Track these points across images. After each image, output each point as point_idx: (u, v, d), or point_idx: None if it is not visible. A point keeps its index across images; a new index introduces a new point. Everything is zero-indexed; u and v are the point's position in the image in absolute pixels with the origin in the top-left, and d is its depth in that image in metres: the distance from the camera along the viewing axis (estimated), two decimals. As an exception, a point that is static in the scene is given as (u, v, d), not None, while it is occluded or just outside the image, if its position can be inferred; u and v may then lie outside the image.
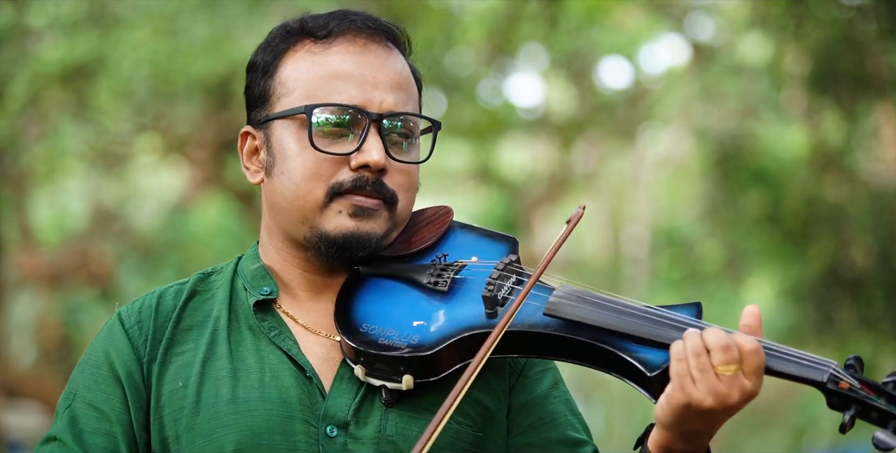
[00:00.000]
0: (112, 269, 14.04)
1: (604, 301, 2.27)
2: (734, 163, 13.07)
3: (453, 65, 14.35)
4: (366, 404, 2.34)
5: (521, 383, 2.45)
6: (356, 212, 2.38)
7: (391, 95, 2.41)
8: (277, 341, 2.39)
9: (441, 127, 2.48)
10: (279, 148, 2.42)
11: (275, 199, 2.43)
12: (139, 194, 14.98)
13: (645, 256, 17.37)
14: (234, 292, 2.46)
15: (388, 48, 2.46)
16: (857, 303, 11.75)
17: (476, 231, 2.50)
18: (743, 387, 2.13)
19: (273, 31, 2.49)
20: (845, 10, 11.54)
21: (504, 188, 17.36)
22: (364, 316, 2.37)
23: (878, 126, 12.11)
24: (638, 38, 15.48)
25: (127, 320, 2.44)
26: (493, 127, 15.24)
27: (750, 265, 14.43)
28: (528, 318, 2.30)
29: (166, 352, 2.40)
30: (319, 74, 2.40)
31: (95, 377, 2.40)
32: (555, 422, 2.44)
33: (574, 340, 2.27)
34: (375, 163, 2.37)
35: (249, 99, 2.49)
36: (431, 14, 13.21)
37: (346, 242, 2.38)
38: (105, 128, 12.44)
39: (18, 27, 11.25)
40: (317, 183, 2.38)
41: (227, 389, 2.35)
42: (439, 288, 2.38)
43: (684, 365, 2.12)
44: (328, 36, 2.43)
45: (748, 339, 2.14)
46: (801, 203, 12.15)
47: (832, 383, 2.14)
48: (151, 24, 11.29)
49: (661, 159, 17.39)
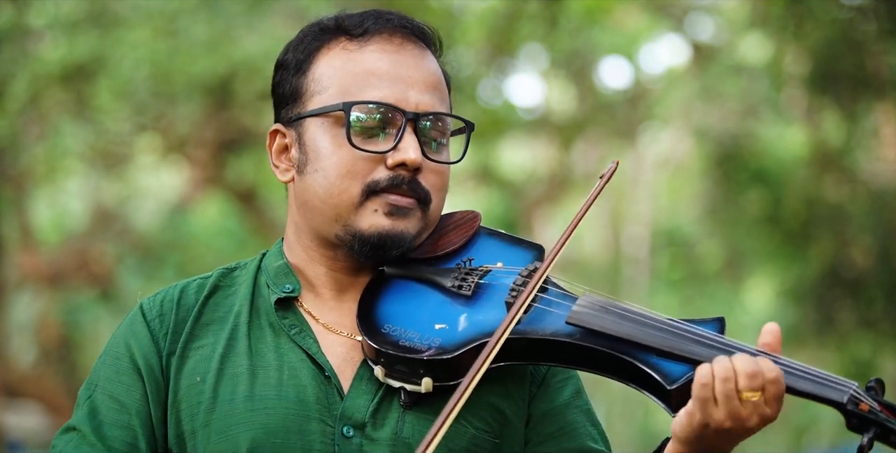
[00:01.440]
0: (112, 269, 14.05)
1: (627, 312, 2.27)
2: (734, 163, 13.08)
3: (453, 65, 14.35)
4: (384, 405, 2.33)
5: (543, 392, 2.44)
6: (392, 210, 2.37)
7: (426, 95, 2.41)
8: (298, 339, 2.38)
9: (475, 128, 2.48)
10: (313, 146, 2.40)
11: (306, 197, 2.41)
12: (139, 194, 14.99)
13: (645, 256, 17.37)
14: (256, 288, 2.45)
15: (422, 49, 2.47)
16: (857, 303, 11.75)
17: (503, 237, 2.50)
18: (763, 413, 2.15)
19: (305, 30, 2.47)
20: (845, 10, 11.55)
21: (504, 188, 17.37)
22: (386, 316, 2.36)
23: (878, 126, 12.11)
24: (638, 38, 15.49)
25: (149, 312, 2.43)
26: (493, 127, 15.23)
27: (750, 265, 14.44)
28: (550, 326, 2.29)
29: (185, 346, 2.39)
30: (355, 72, 2.39)
31: (116, 368, 2.39)
32: (574, 433, 2.43)
33: (595, 350, 2.26)
34: (413, 162, 2.36)
35: (279, 97, 2.46)
36: (431, 14, 13.20)
37: (380, 241, 2.37)
38: (105, 128, 12.45)
39: (18, 27, 11.26)
40: (352, 181, 2.36)
41: (245, 386, 2.34)
42: (463, 292, 2.37)
43: (709, 390, 2.13)
44: (364, 34, 2.42)
45: (771, 367, 2.14)
46: (801, 203, 12.15)
47: (852, 404, 2.14)
48: (151, 24, 11.29)
49: (661, 159, 17.40)
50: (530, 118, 16.31)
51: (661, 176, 17.54)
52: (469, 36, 13.75)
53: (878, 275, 11.52)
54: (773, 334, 2.19)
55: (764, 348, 2.19)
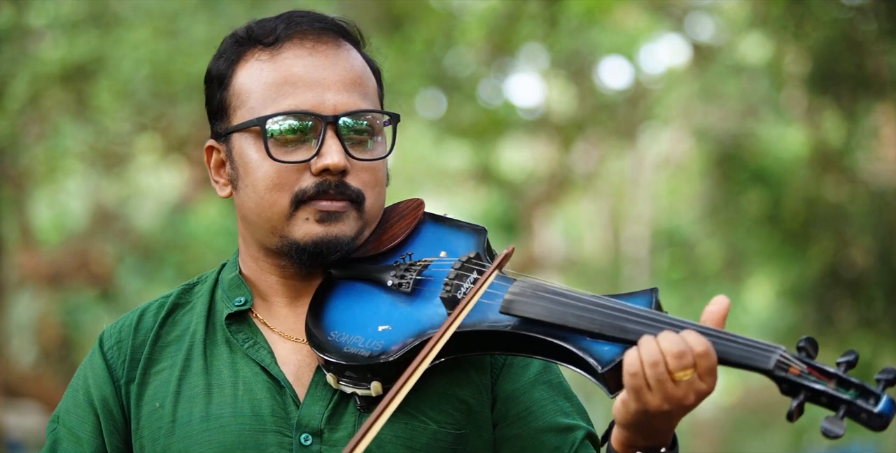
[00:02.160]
0: (112, 269, 14.05)
1: (558, 295, 2.25)
2: (734, 163, 13.08)
3: (453, 65, 14.35)
4: (339, 409, 2.34)
5: (507, 372, 2.43)
6: (323, 217, 2.36)
7: (345, 94, 2.38)
8: (251, 353, 2.39)
9: (400, 119, 2.46)
10: (241, 161, 2.40)
11: (244, 212, 2.43)
12: (139, 194, 14.98)
13: (645, 256, 17.37)
14: (213, 303, 2.47)
15: (339, 45, 2.42)
16: (857, 303, 11.75)
17: (446, 223, 2.48)
18: (698, 389, 2.11)
19: (224, 41, 2.46)
20: (845, 10, 11.55)
21: (504, 188, 17.36)
22: (333, 323, 2.37)
23: (878, 126, 12.11)
24: (638, 38, 15.49)
25: (107, 341, 2.45)
26: (493, 127, 15.24)
27: (750, 265, 14.43)
28: (488, 317, 2.29)
29: (145, 372, 2.41)
30: (269, 82, 2.38)
31: (75, 401, 2.43)
32: (542, 411, 2.41)
33: (529, 337, 2.26)
34: (335, 166, 2.34)
35: (209, 112, 2.46)
36: (431, 14, 13.21)
37: (316, 248, 2.37)
38: (105, 128, 12.45)
39: (18, 27, 11.26)
40: (280, 193, 2.36)
41: (201, 407, 2.36)
42: (403, 289, 2.37)
43: (640, 378, 2.10)
44: (276, 42, 2.39)
45: (699, 341, 2.10)
46: (801, 203, 12.15)
47: (780, 370, 2.09)
48: (151, 24, 11.30)
49: (661, 159, 17.39)
50: (530, 118, 16.31)
51: (661, 176, 17.54)
52: (469, 36, 13.76)
53: (878, 275, 11.52)
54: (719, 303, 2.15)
55: (708, 316, 2.15)
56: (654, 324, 2.16)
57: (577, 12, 13.63)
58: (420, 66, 13.31)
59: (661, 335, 2.11)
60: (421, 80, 13.80)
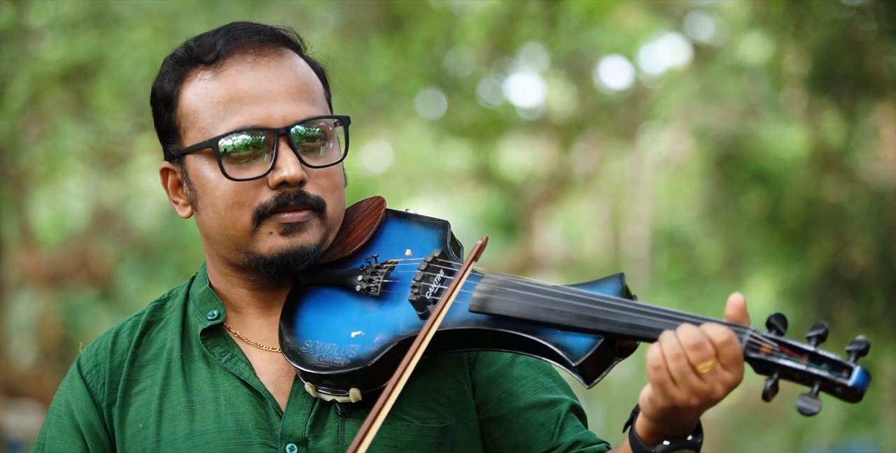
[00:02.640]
0: (112, 269, 14.04)
1: (527, 290, 2.26)
2: (734, 163, 13.07)
3: (453, 65, 14.35)
4: (321, 417, 2.35)
5: (482, 358, 2.44)
6: (286, 229, 2.36)
7: (292, 104, 2.37)
8: (229, 367, 2.39)
9: (350, 121, 2.44)
10: (198, 182, 2.40)
11: (207, 231, 2.42)
12: (139, 194, 14.98)
13: (645, 256, 17.37)
14: (186, 318, 2.47)
15: (280, 55, 2.42)
16: (857, 303, 11.74)
17: (409, 219, 2.48)
18: (724, 380, 2.10)
19: (165, 61, 2.47)
20: (845, 10, 11.55)
21: (504, 188, 17.36)
22: (305, 332, 2.38)
23: (878, 126, 12.11)
24: (638, 38, 15.48)
25: (85, 365, 2.45)
26: (493, 127, 15.24)
27: (750, 265, 14.43)
28: (456, 316, 2.29)
29: (125, 394, 2.41)
30: (215, 100, 2.38)
31: (59, 426, 2.43)
32: (523, 389, 2.42)
33: (502, 333, 2.27)
34: (292, 178, 2.34)
35: (160, 133, 2.48)
36: (431, 14, 13.21)
37: (283, 261, 2.37)
38: (105, 128, 12.45)
39: (18, 27, 11.25)
40: (241, 210, 2.36)
41: (185, 424, 2.36)
42: (371, 293, 2.38)
43: (664, 372, 2.09)
44: (217, 59, 2.40)
45: (720, 330, 2.09)
46: (801, 203, 12.15)
47: (752, 350, 2.09)
48: (151, 24, 11.30)
49: (661, 159, 17.39)
50: (530, 118, 16.31)
51: (661, 176, 17.53)
52: (469, 36, 13.76)
53: (878, 275, 11.52)
54: (736, 308, 2.14)
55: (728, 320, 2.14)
56: (626, 313, 2.16)
57: (577, 12, 13.62)
58: (420, 66, 13.32)
59: (680, 328, 2.10)
60: (421, 80, 13.80)
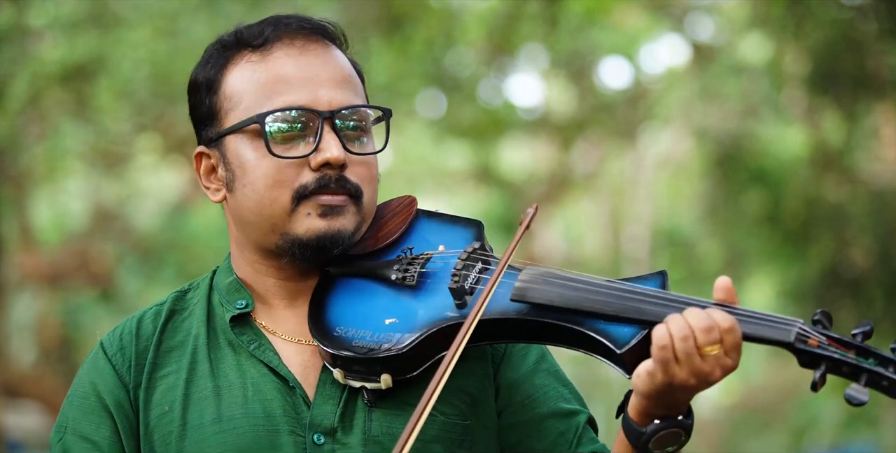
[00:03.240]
0: (112, 269, 14.05)
1: (569, 280, 2.27)
2: (734, 163, 13.07)
3: (453, 65, 14.35)
4: (349, 407, 2.35)
5: (507, 362, 2.45)
6: (325, 211, 2.38)
7: (338, 91, 2.41)
8: (257, 354, 2.39)
9: (392, 114, 2.48)
10: (237, 162, 2.42)
11: (241, 214, 2.43)
12: (139, 194, 14.99)
13: (645, 256, 17.37)
14: (211, 308, 2.47)
15: (326, 46, 2.45)
16: (857, 303, 11.74)
17: (441, 218, 2.49)
18: (724, 365, 2.15)
19: (209, 48, 2.48)
20: (845, 10, 11.55)
21: (504, 188, 17.37)
22: (337, 319, 2.37)
23: (878, 126, 12.11)
24: (638, 38, 15.49)
25: (109, 348, 2.44)
26: (493, 127, 15.25)
27: (750, 265, 14.43)
28: (497, 305, 2.30)
29: (150, 377, 2.41)
30: (262, 81, 2.40)
31: (83, 408, 2.42)
32: (545, 397, 2.44)
33: (543, 323, 2.28)
34: (336, 160, 2.36)
35: (197, 119, 2.49)
36: (431, 14, 13.20)
37: (319, 243, 2.37)
38: (105, 128, 12.45)
39: (18, 27, 11.26)
40: (281, 189, 2.37)
41: (212, 409, 2.35)
42: (408, 283, 2.38)
43: (669, 351, 2.14)
44: (265, 43, 2.42)
45: (725, 317, 2.15)
46: (801, 203, 12.14)
47: (800, 342, 2.14)
48: (151, 24, 11.30)
49: (661, 159, 17.40)
50: (530, 118, 16.32)
51: (661, 176, 17.54)
52: (469, 36, 13.76)
53: (878, 275, 11.52)
54: (725, 290, 2.20)
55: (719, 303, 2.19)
56: (671, 305, 2.20)
57: (577, 12, 13.62)
58: (420, 66, 13.32)
59: (688, 311, 2.16)
60: (421, 80, 13.80)
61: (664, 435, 2.20)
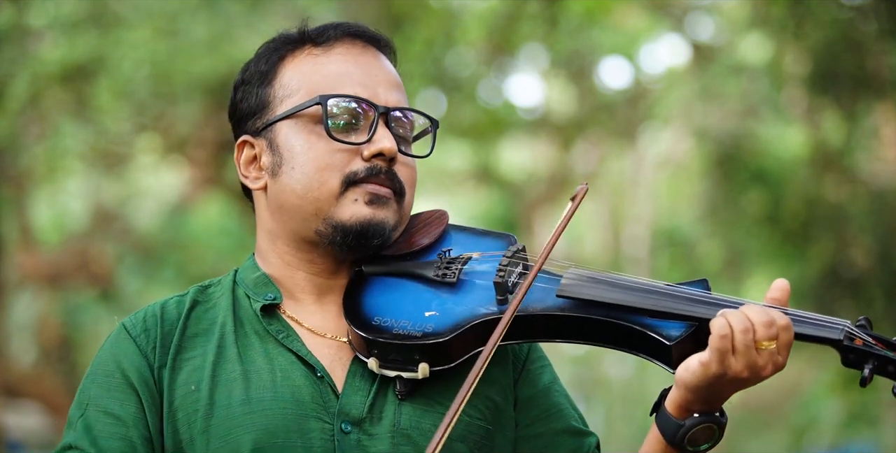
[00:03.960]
0: (112, 269, 14.04)
1: (614, 279, 2.34)
2: (734, 163, 13.07)
3: (453, 65, 14.35)
4: (379, 399, 2.37)
5: (525, 377, 2.49)
6: (372, 199, 2.41)
7: (394, 93, 2.49)
8: (286, 342, 2.41)
9: (439, 126, 2.54)
10: (287, 147, 2.45)
11: (282, 199, 2.45)
12: (139, 194, 14.98)
13: (645, 256, 17.37)
14: (236, 300, 2.48)
15: (382, 54, 2.55)
16: (857, 303, 11.74)
17: (472, 231, 2.54)
18: (776, 362, 2.25)
19: (265, 45, 2.54)
20: (845, 10, 11.55)
21: (504, 188, 17.37)
22: (374, 310, 2.40)
23: (878, 126, 12.10)
24: (638, 38, 15.49)
25: (133, 329, 2.45)
26: (493, 127, 15.25)
27: (750, 265, 14.43)
28: (542, 301, 2.34)
29: (175, 358, 2.42)
30: (324, 73, 2.46)
31: (107, 385, 2.41)
32: (560, 414, 2.49)
33: (588, 319, 2.31)
34: (390, 151, 2.42)
35: (243, 111, 2.51)
36: (431, 14, 13.21)
37: (363, 230, 2.40)
38: (105, 128, 12.45)
39: (18, 27, 11.25)
40: (331, 173, 2.41)
41: (240, 390, 2.37)
42: (448, 279, 2.41)
43: (728, 341, 2.21)
44: (327, 41, 2.50)
45: (781, 315, 2.25)
46: (801, 203, 12.14)
47: (848, 340, 2.24)
48: (151, 24, 11.30)
49: (661, 159, 17.39)
50: (530, 118, 16.32)
51: (661, 176, 17.54)
52: (469, 36, 13.76)
53: (878, 275, 11.51)
54: (782, 290, 2.31)
55: (771, 303, 2.28)
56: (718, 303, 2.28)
57: (577, 12, 13.62)
58: (420, 66, 13.31)
59: (747, 306, 2.25)
60: (421, 80, 13.80)
61: (701, 429, 2.27)
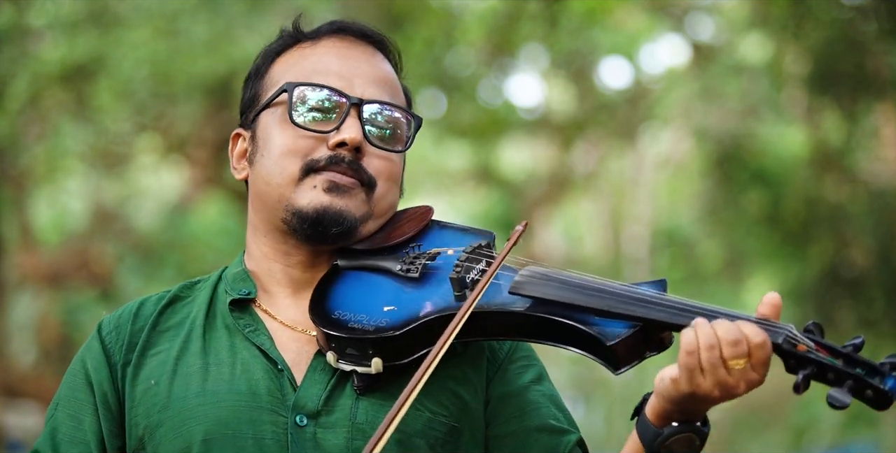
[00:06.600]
0: (112, 269, 14.05)
1: (567, 278, 2.31)
2: (734, 163, 13.08)
3: (453, 65, 14.35)
4: (336, 393, 2.37)
5: (501, 376, 2.47)
6: (330, 187, 2.41)
7: (373, 87, 2.48)
8: (251, 337, 2.43)
9: (422, 123, 2.53)
10: (262, 136, 2.48)
11: (257, 187, 2.48)
12: (139, 194, 14.98)
13: (645, 256, 17.37)
14: (215, 295, 2.51)
15: (375, 52, 2.55)
16: (857, 303, 11.74)
17: (454, 228, 2.55)
18: (749, 379, 2.16)
19: (270, 43, 2.58)
20: (845, 10, 11.55)
21: (504, 188, 17.37)
22: (337, 304, 2.41)
23: (878, 126, 12.10)
24: (638, 38, 15.48)
25: (105, 327, 2.50)
26: (493, 127, 15.24)
27: (750, 265, 14.44)
28: (494, 298, 2.34)
29: (142, 355, 2.45)
30: (304, 65, 2.49)
31: (73, 384, 2.47)
32: (536, 412, 2.46)
33: (536, 317, 2.31)
34: (352, 140, 2.42)
35: (244, 106, 2.56)
36: (431, 14, 13.20)
37: (318, 217, 2.41)
38: (105, 128, 12.45)
39: (18, 27, 11.25)
40: (293, 158, 2.43)
41: (197, 383, 2.39)
42: (411, 274, 2.42)
43: (695, 358, 2.13)
44: (317, 36, 2.53)
45: (757, 332, 2.14)
46: (801, 203, 12.15)
47: (788, 344, 2.14)
48: (151, 24, 11.30)
49: (661, 159, 17.39)
50: (530, 118, 16.31)
51: (661, 176, 17.54)
52: (469, 36, 13.75)
53: (878, 275, 11.52)
54: (773, 306, 2.20)
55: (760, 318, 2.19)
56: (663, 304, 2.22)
57: (578, 12, 13.62)
58: (420, 66, 13.31)
59: (718, 322, 2.15)
60: (421, 80, 13.80)
61: (679, 438, 2.22)
